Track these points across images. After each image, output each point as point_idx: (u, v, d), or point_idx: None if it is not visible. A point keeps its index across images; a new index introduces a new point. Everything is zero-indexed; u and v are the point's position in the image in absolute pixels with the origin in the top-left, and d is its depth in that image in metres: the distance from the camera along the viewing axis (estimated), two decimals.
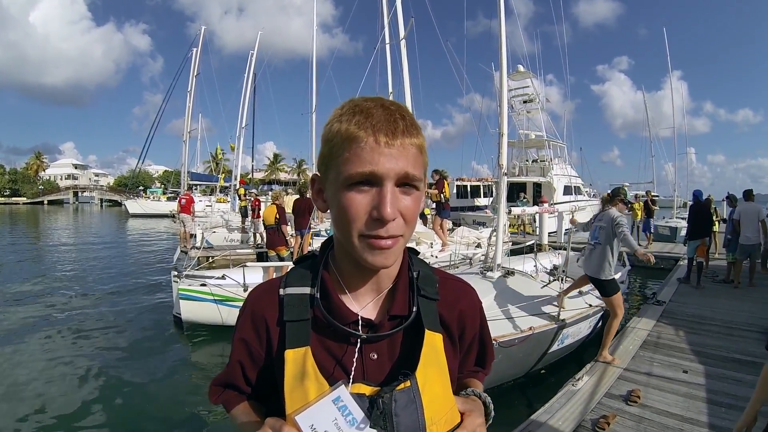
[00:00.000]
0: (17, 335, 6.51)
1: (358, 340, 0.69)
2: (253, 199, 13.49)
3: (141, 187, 50.08)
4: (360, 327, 0.69)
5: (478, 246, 9.78)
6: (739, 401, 3.46)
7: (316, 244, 9.57)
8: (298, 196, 9.47)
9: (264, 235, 11.97)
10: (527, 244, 7.94)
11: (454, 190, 22.49)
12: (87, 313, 7.70)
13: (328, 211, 0.69)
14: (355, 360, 0.68)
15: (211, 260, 9.25)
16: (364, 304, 0.72)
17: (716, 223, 10.52)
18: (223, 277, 6.69)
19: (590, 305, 5.33)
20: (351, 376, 0.66)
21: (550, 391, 4.06)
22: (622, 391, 3.72)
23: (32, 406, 4.44)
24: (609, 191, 5.18)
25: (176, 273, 6.81)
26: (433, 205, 9.67)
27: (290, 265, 6.24)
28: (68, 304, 8.34)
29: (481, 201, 23.16)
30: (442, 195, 9.12)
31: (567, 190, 20.65)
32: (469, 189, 23.82)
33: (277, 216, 7.99)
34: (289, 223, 9.10)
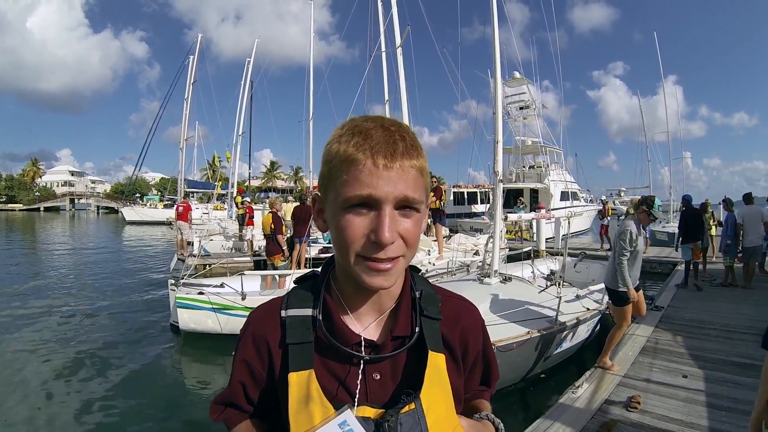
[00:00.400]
0: (11, 341, 6.45)
1: (361, 362, 0.68)
2: (246, 206, 13.46)
3: (138, 195, 50.02)
4: (363, 348, 0.69)
5: (476, 254, 9.79)
6: (739, 404, 3.46)
7: (313, 251, 9.55)
8: (298, 203, 9.45)
9: (253, 242, 11.98)
10: (524, 250, 7.97)
11: (451, 197, 22.53)
12: (82, 321, 7.65)
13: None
14: (358, 382, 0.67)
15: (208, 268, 9.21)
16: (366, 325, 0.72)
17: (713, 227, 10.54)
18: (221, 285, 6.65)
19: (588, 309, 5.33)
20: (356, 399, 0.66)
21: (550, 395, 4.05)
22: (622, 397, 3.71)
23: (23, 414, 4.40)
24: (639, 197, 5.19)
25: (173, 281, 6.78)
26: (430, 212, 9.67)
27: (286, 273, 6.18)
28: (63, 311, 8.26)
29: (478, 207, 23.20)
30: (440, 202, 9.13)
31: (564, 196, 20.73)
32: (466, 196, 23.86)
33: (272, 225, 7.96)
34: (289, 230, 9.08)
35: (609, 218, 14.34)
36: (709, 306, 6.82)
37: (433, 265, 8.74)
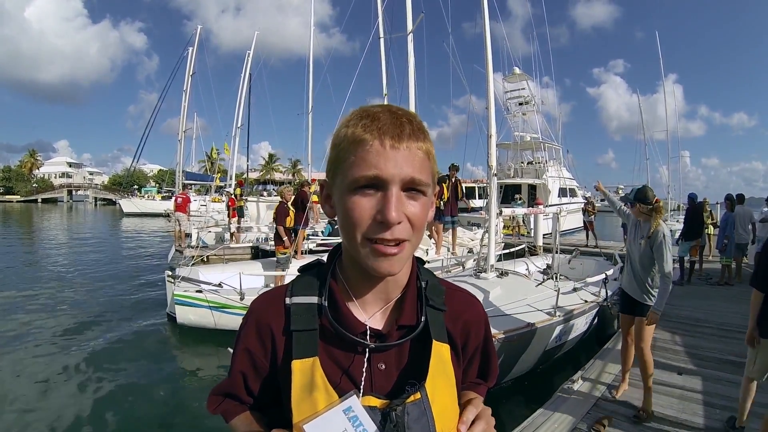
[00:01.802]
0: (6, 331, 6.45)
1: (367, 350, 0.68)
2: (228, 198, 13.30)
3: (136, 186, 49.86)
4: (368, 337, 0.69)
5: (470, 251, 9.80)
6: (733, 403, 3.47)
7: (311, 245, 9.52)
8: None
9: (237, 234, 11.95)
10: (519, 247, 7.98)
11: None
12: (79, 311, 7.65)
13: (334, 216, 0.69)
14: (363, 370, 0.67)
15: (205, 258, 9.17)
16: (371, 314, 0.71)
17: (710, 226, 10.61)
18: (219, 285, 6.63)
19: (585, 301, 5.35)
20: (361, 387, 0.65)
21: (547, 389, 4.05)
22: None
23: (15, 402, 4.42)
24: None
25: (170, 273, 6.76)
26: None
27: (282, 274, 6.08)
28: (59, 300, 8.29)
29: (476, 202, 23.18)
30: (440, 201, 9.14)
31: (562, 192, 20.74)
32: (463, 190, 23.82)
33: (275, 215, 7.93)
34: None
35: (594, 217, 14.22)
36: (705, 304, 6.86)
37: (428, 262, 8.70)
